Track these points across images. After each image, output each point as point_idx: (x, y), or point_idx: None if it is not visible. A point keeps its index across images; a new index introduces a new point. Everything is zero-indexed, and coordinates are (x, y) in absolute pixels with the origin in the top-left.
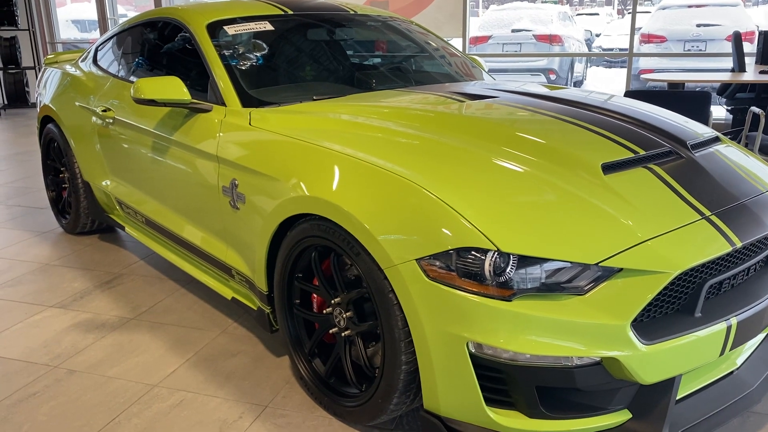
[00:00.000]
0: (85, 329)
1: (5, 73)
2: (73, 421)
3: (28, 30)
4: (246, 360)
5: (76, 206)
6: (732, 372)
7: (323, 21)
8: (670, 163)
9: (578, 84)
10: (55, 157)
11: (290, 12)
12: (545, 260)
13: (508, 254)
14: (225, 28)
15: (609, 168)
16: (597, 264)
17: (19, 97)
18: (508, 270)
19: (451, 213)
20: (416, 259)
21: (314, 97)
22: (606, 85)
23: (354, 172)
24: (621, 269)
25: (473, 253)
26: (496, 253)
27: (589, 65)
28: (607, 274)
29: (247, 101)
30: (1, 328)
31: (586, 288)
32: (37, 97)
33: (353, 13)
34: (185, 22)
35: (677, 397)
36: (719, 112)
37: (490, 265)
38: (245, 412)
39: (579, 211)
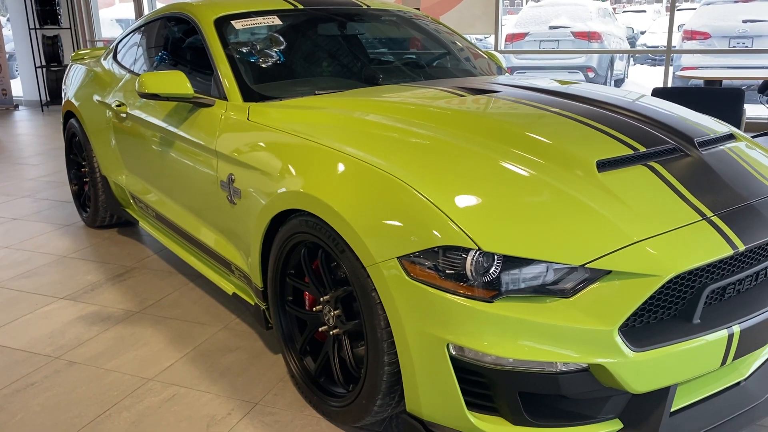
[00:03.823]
0: (91, 321)
1: (48, 71)
2: (65, 413)
3: (70, 29)
4: (243, 356)
5: (95, 200)
6: (739, 383)
7: (333, 15)
8: (673, 161)
9: (619, 82)
10: (77, 151)
11: (300, 6)
12: (529, 261)
13: (491, 254)
14: (232, 23)
15: (604, 165)
16: (583, 265)
17: (60, 94)
18: (491, 270)
19: (433, 211)
20: (397, 258)
21: (316, 92)
22: (647, 83)
23: (341, 167)
24: (610, 271)
25: (454, 252)
26: (478, 252)
27: (633, 63)
28: (594, 276)
29: (249, 96)
30: (11, 318)
31: (572, 290)
32: (62, 93)
33: (365, 7)
34: (194, 17)
35: (674, 408)
36: (761, 110)
37: (471, 264)
38: (235, 409)
39: (568, 210)
